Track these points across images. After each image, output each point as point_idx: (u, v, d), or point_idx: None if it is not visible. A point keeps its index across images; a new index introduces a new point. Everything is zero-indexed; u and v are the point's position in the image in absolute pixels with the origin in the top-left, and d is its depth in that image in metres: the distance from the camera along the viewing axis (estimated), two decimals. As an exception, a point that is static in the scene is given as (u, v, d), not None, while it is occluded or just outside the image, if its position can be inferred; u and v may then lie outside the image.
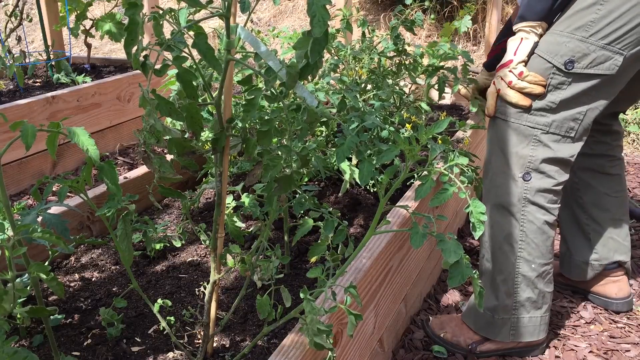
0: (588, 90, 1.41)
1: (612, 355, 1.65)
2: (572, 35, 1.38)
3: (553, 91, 1.42)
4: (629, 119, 3.38)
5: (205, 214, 2.04)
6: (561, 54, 1.39)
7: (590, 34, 1.36)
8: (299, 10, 6.03)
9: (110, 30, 1.41)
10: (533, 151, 1.47)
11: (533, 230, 1.51)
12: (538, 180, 1.48)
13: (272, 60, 1.00)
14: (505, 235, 1.53)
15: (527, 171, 1.48)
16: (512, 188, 1.50)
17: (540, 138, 1.45)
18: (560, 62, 1.39)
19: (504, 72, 1.48)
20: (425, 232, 1.01)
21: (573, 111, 1.43)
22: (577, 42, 1.37)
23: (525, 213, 1.50)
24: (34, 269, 1.04)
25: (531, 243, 1.52)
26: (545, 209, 1.51)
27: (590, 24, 1.36)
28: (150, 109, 1.01)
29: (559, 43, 1.39)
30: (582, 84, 1.40)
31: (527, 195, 1.49)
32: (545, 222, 1.51)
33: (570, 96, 1.42)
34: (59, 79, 2.99)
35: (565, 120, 1.44)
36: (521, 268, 1.54)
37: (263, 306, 1.16)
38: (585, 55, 1.37)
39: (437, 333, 1.68)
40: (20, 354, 0.89)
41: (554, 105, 1.43)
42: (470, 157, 1.38)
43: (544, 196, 1.49)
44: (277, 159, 1.11)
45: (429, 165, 1.05)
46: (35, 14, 3.26)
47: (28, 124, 0.94)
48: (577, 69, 1.39)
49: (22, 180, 2.39)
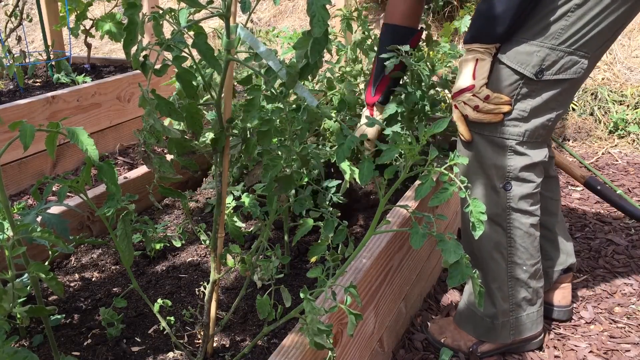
0: (556, 96, 1.41)
1: (612, 355, 1.65)
2: (542, 44, 1.35)
3: (522, 100, 1.41)
4: (629, 119, 3.38)
5: (205, 214, 2.04)
6: (532, 64, 1.37)
7: (559, 41, 1.34)
8: (299, 10, 6.03)
9: (110, 30, 1.41)
10: (510, 161, 1.46)
11: (520, 235, 1.52)
12: (519, 187, 1.48)
13: (272, 60, 1.00)
14: (494, 244, 1.54)
15: (507, 181, 1.48)
16: (495, 199, 1.50)
17: (515, 148, 1.45)
18: (531, 72, 1.37)
19: (466, 96, 1.44)
20: (425, 232, 1.01)
21: (543, 118, 1.43)
22: (547, 51, 1.35)
23: (511, 220, 1.51)
24: (33, 268, 1.04)
25: (520, 247, 1.53)
26: (529, 212, 1.51)
27: (561, 31, 1.34)
28: (150, 109, 1.01)
29: (529, 53, 1.36)
30: (551, 90, 1.40)
31: (510, 203, 1.49)
32: (530, 225, 1.52)
33: (540, 103, 1.41)
34: (59, 79, 2.99)
35: (536, 128, 1.44)
36: (514, 272, 1.55)
37: (263, 306, 1.16)
38: (554, 63, 1.36)
39: (437, 338, 1.68)
40: (20, 354, 0.89)
41: (525, 114, 1.42)
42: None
43: (526, 201, 1.50)
44: (277, 159, 1.11)
45: (429, 165, 1.05)
46: (35, 14, 3.27)
47: (27, 124, 0.94)
48: (547, 76, 1.37)
49: (22, 180, 2.39)
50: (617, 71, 3.75)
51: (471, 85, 1.43)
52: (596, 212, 2.53)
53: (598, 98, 3.57)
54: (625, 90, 3.55)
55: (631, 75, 3.71)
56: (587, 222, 2.44)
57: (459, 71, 1.47)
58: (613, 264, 2.12)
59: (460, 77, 1.46)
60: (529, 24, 1.37)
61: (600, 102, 3.54)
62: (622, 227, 2.38)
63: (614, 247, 2.23)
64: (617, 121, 3.37)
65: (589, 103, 3.56)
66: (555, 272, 1.77)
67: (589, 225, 2.41)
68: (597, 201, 2.60)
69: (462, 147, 1.56)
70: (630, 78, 3.69)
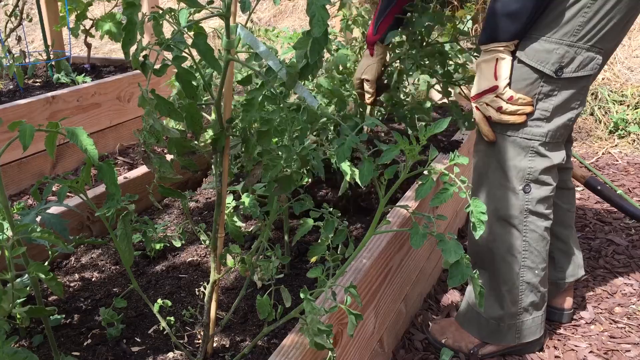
0: (576, 94, 1.41)
1: (613, 356, 1.65)
2: (560, 41, 1.35)
3: (545, 99, 1.40)
4: (630, 119, 3.38)
5: (205, 214, 2.04)
6: (552, 61, 1.36)
7: (577, 37, 1.34)
8: (299, 10, 6.03)
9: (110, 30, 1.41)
10: (531, 162, 1.45)
11: (535, 239, 1.51)
12: (537, 190, 1.47)
13: (272, 60, 1.00)
14: (508, 246, 1.52)
15: (527, 183, 1.47)
16: (513, 201, 1.49)
17: (537, 149, 1.44)
18: (551, 70, 1.37)
19: (488, 98, 1.42)
20: (425, 232, 1.01)
21: (565, 117, 1.42)
22: (566, 48, 1.35)
23: (527, 223, 1.50)
24: (33, 268, 1.03)
25: (534, 251, 1.52)
26: (545, 215, 1.50)
27: (579, 28, 1.34)
28: (150, 108, 1.01)
29: (549, 51, 1.36)
30: (572, 88, 1.39)
31: (528, 206, 1.48)
32: (545, 228, 1.51)
33: (562, 102, 1.40)
34: (59, 79, 2.99)
35: (558, 128, 1.43)
36: (525, 276, 1.53)
37: (263, 306, 1.16)
38: (572, 59, 1.36)
39: (438, 339, 1.68)
40: (20, 354, 0.89)
41: (547, 114, 1.41)
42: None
43: (543, 204, 1.49)
44: (277, 159, 1.10)
45: (429, 165, 1.05)
46: (35, 14, 3.26)
47: (26, 124, 0.94)
48: (566, 74, 1.37)
49: (22, 180, 2.39)
50: (617, 71, 3.75)
51: (494, 86, 1.41)
52: (596, 212, 2.52)
53: (598, 98, 3.56)
54: (626, 90, 3.55)
55: (631, 75, 3.71)
56: (587, 222, 2.43)
57: (478, 73, 1.45)
58: (613, 264, 2.12)
59: (481, 79, 1.44)
60: (545, 21, 1.36)
61: (601, 102, 3.54)
62: (622, 227, 2.38)
63: (614, 247, 2.22)
64: (617, 121, 3.37)
65: (589, 103, 3.56)
66: (565, 284, 1.76)
67: (589, 225, 2.41)
68: (597, 201, 2.60)
69: (482, 147, 1.54)
70: (630, 78, 3.69)
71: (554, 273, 1.74)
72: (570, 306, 1.80)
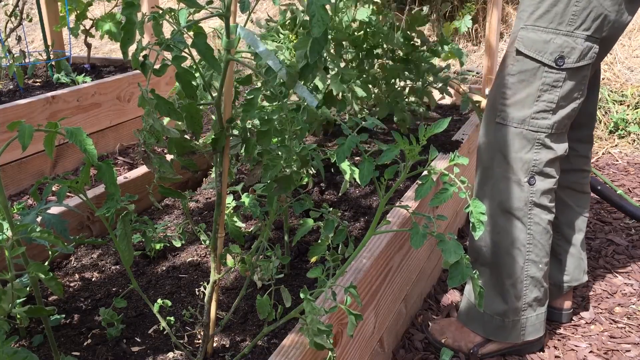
0: (578, 84, 1.42)
1: (613, 356, 1.65)
2: (557, 31, 1.37)
3: (550, 90, 1.41)
4: (630, 118, 3.38)
5: (205, 214, 2.04)
6: (550, 51, 1.38)
7: (574, 27, 1.36)
8: (299, 10, 6.02)
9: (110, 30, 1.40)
10: (537, 154, 1.46)
11: (539, 232, 1.51)
12: (542, 182, 1.48)
13: (272, 60, 1.00)
14: (512, 239, 1.52)
15: (532, 175, 1.47)
16: (518, 193, 1.49)
17: (544, 141, 1.45)
18: (550, 60, 1.38)
19: None
20: (425, 232, 1.01)
21: (569, 108, 1.44)
22: (564, 38, 1.37)
23: (531, 216, 1.50)
24: (33, 269, 1.03)
25: (538, 244, 1.52)
26: (549, 208, 1.51)
27: (573, 17, 1.35)
28: (150, 108, 1.01)
29: (546, 41, 1.38)
30: (574, 78, 1.41)
31: (533, 198, 1.48)
32: (548, 221, 1.51)
33: (566, 92, 1.41)
34: (59, 79, 2.99)
35: (562, 118, 1.44)
36: (530, 270, 1.53)
37: (263, 306, 1.16)
38: (573, 50, 1.37)
39: (438, 339, 1.67)
40: (20, 354, 0.89)
41: (553, 106, 1.42)
42: None
43: (547, 197, 1.49)
44: (277, 159, 1.10)
45: (429, 166, 1.05)
46: (35, 14, 3.26)
47: (25, 124, 0.94)
48: (568, 64, 1.38)
49: (22, 180, 2.39)
50: (617, 71, 3.75)
51: None
52: (596, 212, 2.52)
53: (598, 98, 3.56)
54: (626, 90, 3.55)
55: (631, 75, 3.71)
56: (588, 222, 2.43)
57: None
58: (613, 264, 2.12)
59: None
60: (539, 12, 1.38)
61: (601, 102, 3.54)
62: (622, 227, 2.38)
63: (614, 247, 2.22)
64: (617, 121, 3.37)
65: (589, 103, 3.56)
66: (569, 288, 1.77)
67: (589, 225, 2.41)
68: (597, 201, 2.60)
69: (486, 140, 1.55)
70: (630, 78, 3.69)
71: (559, 276, 1.74)
72: (569, 306, 1.80)
